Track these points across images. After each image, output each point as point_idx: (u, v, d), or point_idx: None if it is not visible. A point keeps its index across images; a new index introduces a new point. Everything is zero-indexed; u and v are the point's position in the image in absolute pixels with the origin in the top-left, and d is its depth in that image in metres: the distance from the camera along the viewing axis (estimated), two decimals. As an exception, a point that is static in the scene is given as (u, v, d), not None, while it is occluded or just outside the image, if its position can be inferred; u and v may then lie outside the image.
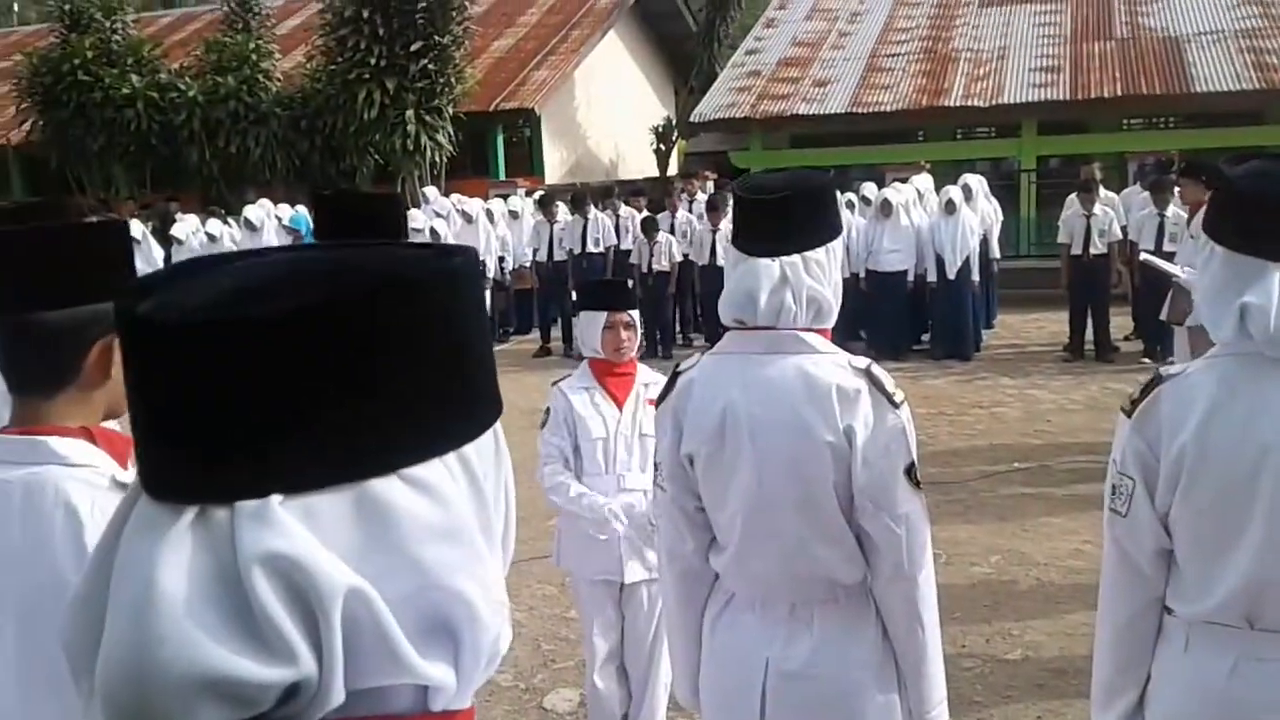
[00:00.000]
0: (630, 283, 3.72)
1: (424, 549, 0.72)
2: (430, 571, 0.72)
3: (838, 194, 2.49)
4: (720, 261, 11.61)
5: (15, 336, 1.59)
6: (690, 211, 13.13)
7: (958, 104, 16.55)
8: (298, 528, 0.67)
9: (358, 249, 0.79)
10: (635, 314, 3.52)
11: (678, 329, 12.51)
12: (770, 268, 2.10)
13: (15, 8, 54.50)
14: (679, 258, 12.15)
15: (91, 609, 0.71)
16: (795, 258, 2.11)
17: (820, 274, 2.13)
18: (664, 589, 2.41)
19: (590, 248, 12.38)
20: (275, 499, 0.67)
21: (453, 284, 0.75)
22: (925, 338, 11.47)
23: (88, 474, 1.58)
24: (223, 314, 0.68)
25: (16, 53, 22.08)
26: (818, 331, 2.14)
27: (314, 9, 21.32)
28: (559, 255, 12.56)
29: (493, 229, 13.41)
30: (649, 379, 3.55)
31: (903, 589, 2.13)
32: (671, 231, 12.43)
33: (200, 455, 0.68)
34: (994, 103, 16.36)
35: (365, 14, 17.79)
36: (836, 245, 2.20)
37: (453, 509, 0.74)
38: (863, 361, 2.13)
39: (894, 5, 20.78)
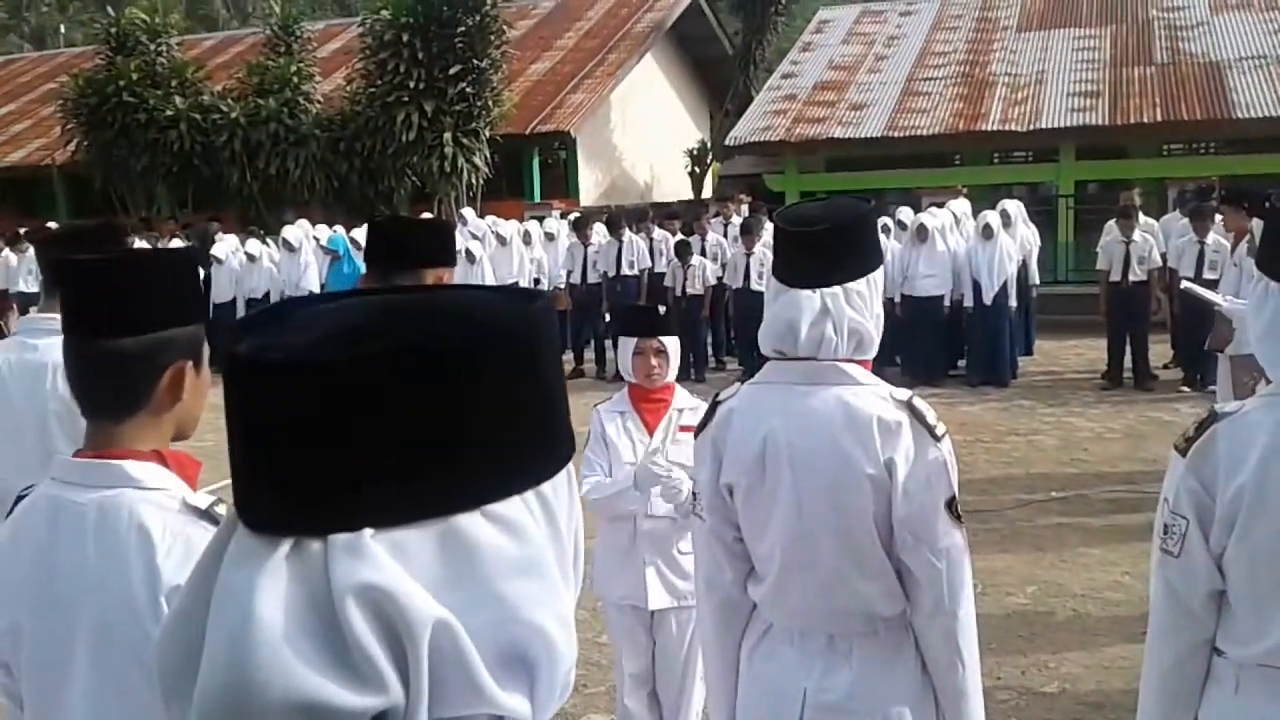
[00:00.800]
0: (663, 309, 3.69)
1: (505, 583, 0.74)
2: (510, 605, 0.74)
3: (878, 224, 2.48)
4: (754, 285, 11.60)
5: (90, 363, 1.63)
6: (725, 235, 13.14)
7: (995, 128, 16.49)
8: (388, 560, 0.69)
9: (444, 292, 0.82)
10: (669, 340, 3.49)
11: (711, 352, 12.50)
12: (811, 299, 2.10)
13: (62, 30, 55.59)
14: (713, 281, 12.16)
15: (187, 634, 0.73)
16: (836, 289, 2.11)
17: (861, 305, 2.13)
18: (701, 618, 2.40)
19: (624, 270, 12.41)
20: (367, 532, 0.70)
21: (534, 327, 0.78)
22: (961, 364, 11.39)
23: (160, 497, 1.61)
24: (324, 355, 0.70)
25: (63, 74, 22.49)
26: (859, 362, 2.14)
27: (354, 33, 21.60)
28: (593, 277, 12.60)
29: (527, 251, 13.48)
30: (684, 404, 3.53)
31: (943, 623, 2.11)
32: (704, 254, 12.44)
33: (297, 490, 0.70)
34: (1032, 127, 16.28)
35: (405, 38, 17.99)
36: (877, 276, 2.19)
37: (532, 544, 0.76)
38: (904, 393, 2.12)
39: (931, 29, 20.78)
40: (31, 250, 14.58)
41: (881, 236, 11.38)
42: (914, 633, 2.17)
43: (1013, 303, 10.77)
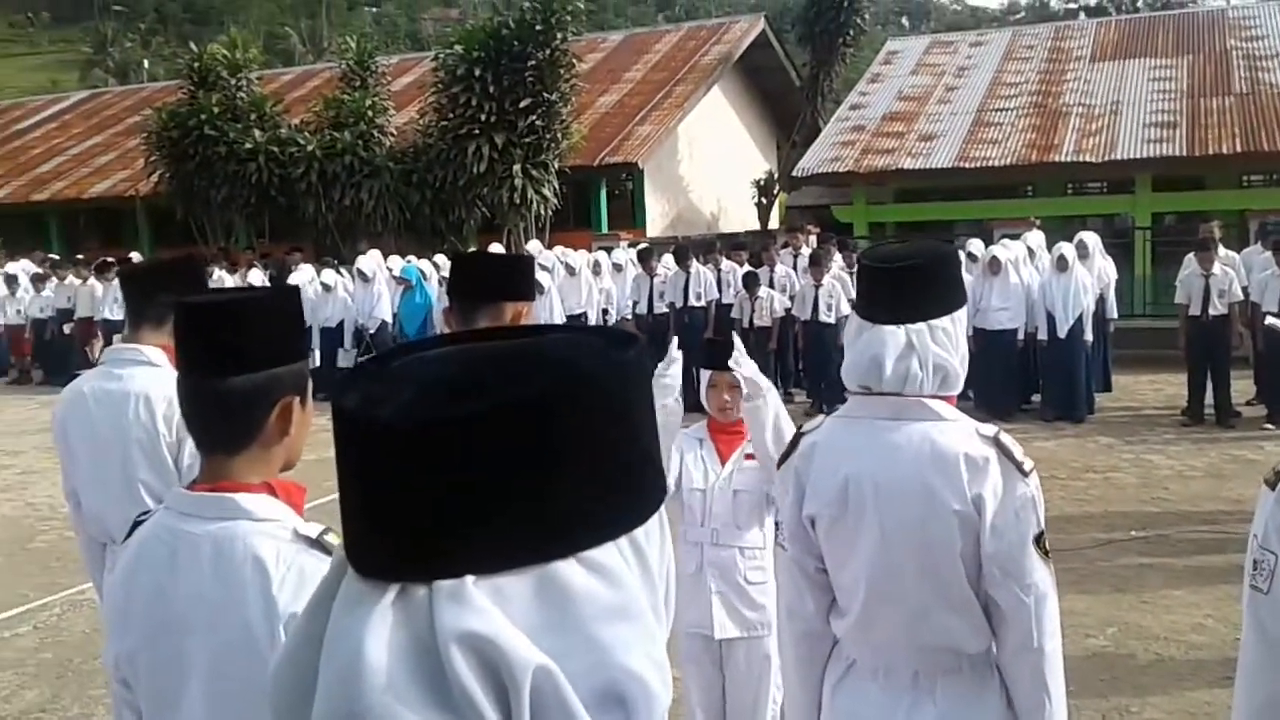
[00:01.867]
0: (736, 342, 3.65)
1: (600, 628, 0.76)
2: (606, 649, 0.76)
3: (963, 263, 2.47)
4: (823, 317, 11.56)
5: (207, 401, 1.69)
6: (794, 266, 13.11)
7: (1069, 159, 16.29)
8: (490, 607, 0.72)
9: (540, 341, 0.84)
10: (743, 375, 3.45)
11: (779, 384, 12.45)
12: (896, 334, 2.10)
13: (145, 64, 57.49)
14: (780, 313, 12.13)
15: (299, 672, 0.77)
16: (921, 325, 2.11)
17: (946, 341, 2.13)
18: (783, 648, 2.40)
19: (691, 301, 12.43)
20: (469, 579, 0.72)
21: (629, 377, 0.80)
22: (1035, 398, 11.20)
23: (273, 528, 1.67)
24: (429, 413, 0.73)
25: (147, 108, 23.21)
26: (944, 399, 2.13)
27: (427, 67, 22.01)
28: (659, 308, 12.64)
29: (595, 281, 13.58)
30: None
31: (1031, 660, 2.09)
32: (772, 286, 12.42)
33: (403, 539, 0.73)
34: (1107, 158, 16.06)
35: (477, 72, 18.30)
36: (961, 314, 2.19)
37: (626, 589, 0.78)
38: (991, 429, 2.11)
39: (1002, 60, 20.63)
40: (117, 281, 15.05)
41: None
42: (999, 670, 2.14)
43: (1088, 336, 10.58)
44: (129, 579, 1.72)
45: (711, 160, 24.40)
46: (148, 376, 2.84)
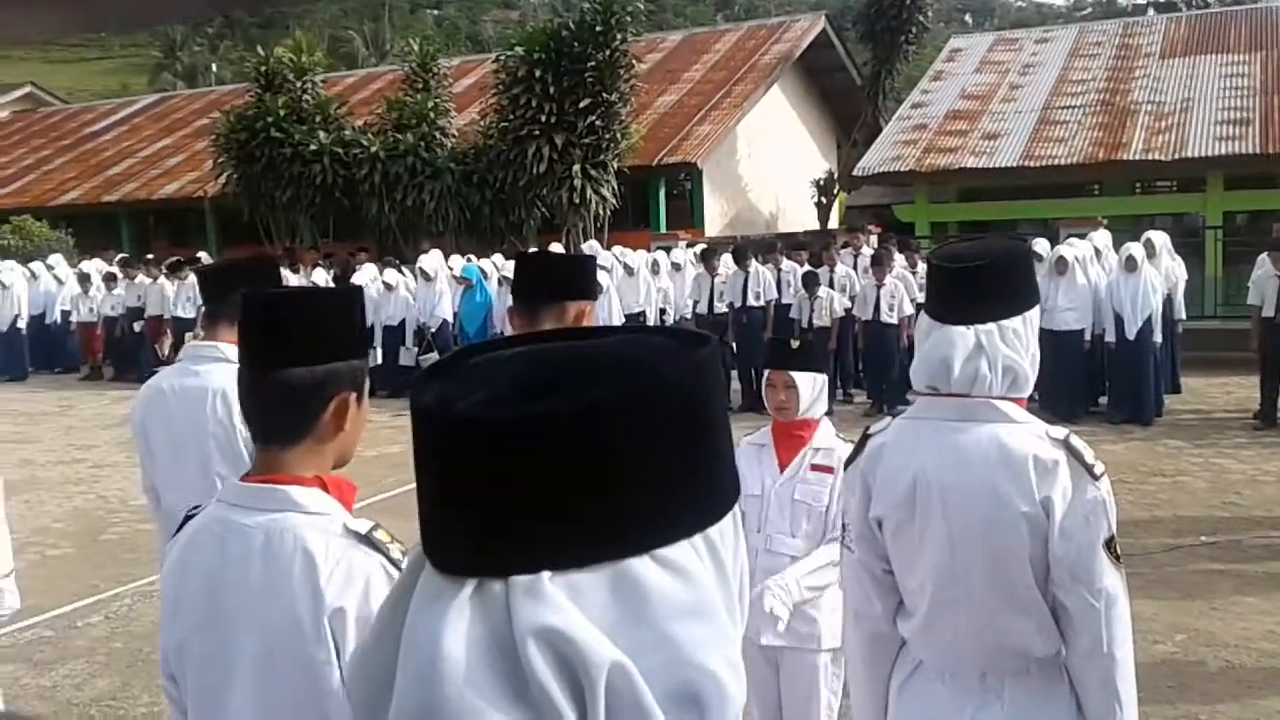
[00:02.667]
0: (796, 343, 3.59)
1: (675, 626, 0.76)
2: (681, 648, 0.76)
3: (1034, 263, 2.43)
4: (884, 317, 11.46)
5: (265, 392, 1.73)
6: (854, 266, 13.01)
7: (1137, 157, 15.99)
8: (567, 603, 0.73)
9: (614, 341, 0.85)
10: (799, 375, 3.37)
11: (838, 385, 12.36)
12: (965, 335, 2.08)
13: (213, 68, 58.63)
14: (840, 313, 12.04)
15: (377, 665, 0.78)
16: (991, 326, 2.08)
17: (1017, 343, 2.10)
18: (849, 650, 2.39)
19: (751, 301, 12.39)
20: (545, 575, 0.73)
21: (701, 376, 0.80)
22: (1102, 401, 11.00)
23: (323, 522, 1.69)
24: (502, 412, 0.74)
25: (215, 111, 23.70)
26: (1013, 400, 2.10)
27: (488, 68, 22.19)
28: (719, 308, 12.62)
29: (654, 281, 13.59)
30: (822, 444, 3.42)
31: (1101, 665, 2.06)
32: (832, 286, 12.34)
33: (481, 535, 0.75)
34: (1177, 156, 15.73)
35: (537, 73, 18.42)
36: (1033, 314, 2.16)
37: (701, 588, 0.78)
38: (1061, 432, 2.09)
39: (1069, 57, 20.30)
40: (191, 277, 15.37)
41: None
42: (1069, 674, 2.11)
43: (1157, 338, 10.37)
44: (180, 569, 1.75)
45: (770, 160, 24.30)
46: (225, 373, 2.90)
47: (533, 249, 15.34)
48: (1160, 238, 11.10)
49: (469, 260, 14.79)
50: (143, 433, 3.12)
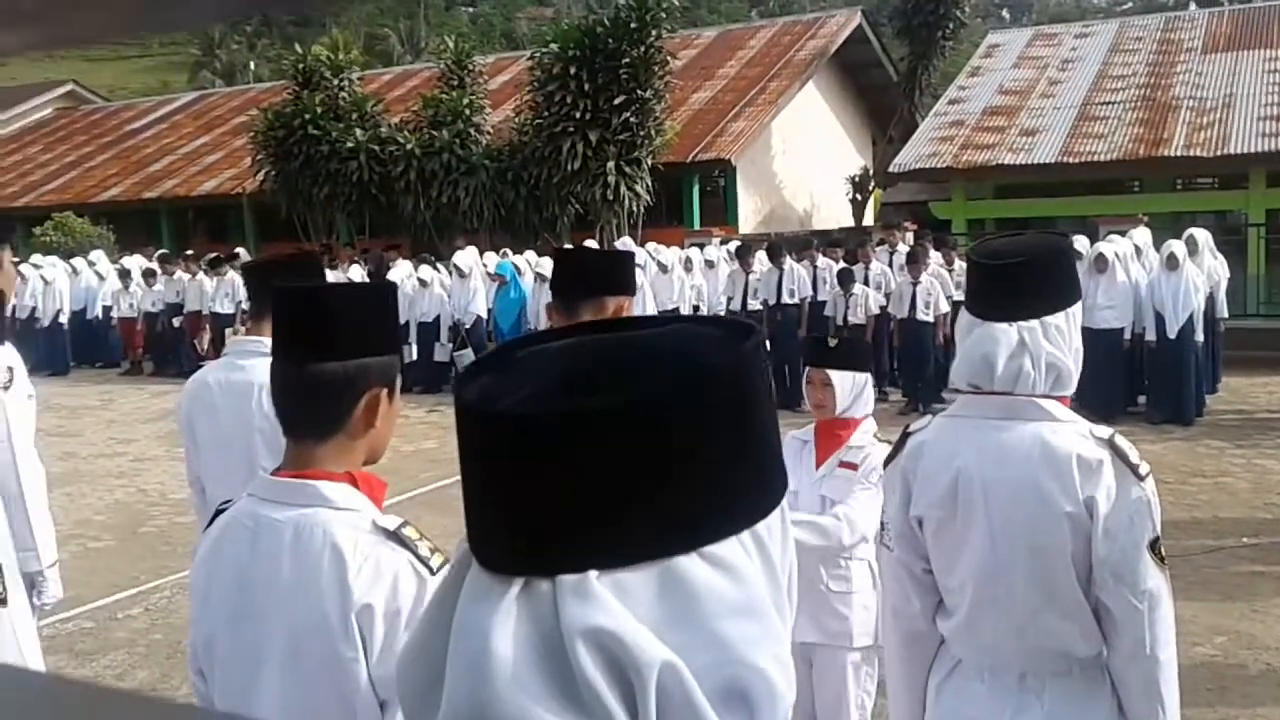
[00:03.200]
0: (834, 341, 3.57)
1: (724, 624, 0.75)
2: (730, 646, 0.75)
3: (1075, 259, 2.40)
4: (920, 315, 11.38)
5: (296, 385, 1.73)
6: (890, 264, 12.93)
7: (1179, 154, 15.77)
8: (615, 603, 0.72)
9: (659, 334, 0.83)
10: (834, 374, 3.35)
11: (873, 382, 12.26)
12: (1008, 333, 2.06)
13: (251, 66, 59.15)
14: (875, 310, 11.97)
15: (427, 661, 0.78)
16: (1034, 323, 2.06)
17: (1060, 340, 2.08)
18: (888, 649, 2.38)
19: (785, 299, 12.34)
20: (592, 574, 0.72)
21: (747, 368, 0.79)
22: (1141, 400, 10.87)
23: (353, 518, 1.69)
24: (545, 408, 0.74)
25: (253, 108, 23.90)
26: (1057, 398, 2.08)
27: (523, 65, 22.25)
28: (753, 305, 12.58)
29: (688, 278, 13.58)
30: (857, 441, 3.41)
31: (1143, 668, 2.04)
32: (867, 283, 12.27)
33: (527, 533, 0.74)
34: (1219, 153, 15.51)
35: (572, 70, 18.44)
36: (1076, 310, 2.14)
37: (749, 585, 0.77)
38: (1105, 431, 2.07)
39: (1109, 52, 20.07)
40: (230, 273, 15.53)
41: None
42: (1110, 676, 2.09)
43: (1199, 337, 10.23)
44: (210, 563, 1.76)
45: (805, 156, 24.20)
46: (269, 367, 2.93)
47: (567, 245, 15.39)
48: (1202, 235, 10.95)
49: (503, 257, 14.84)
50: (189, 427, 3.16)
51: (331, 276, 15.65)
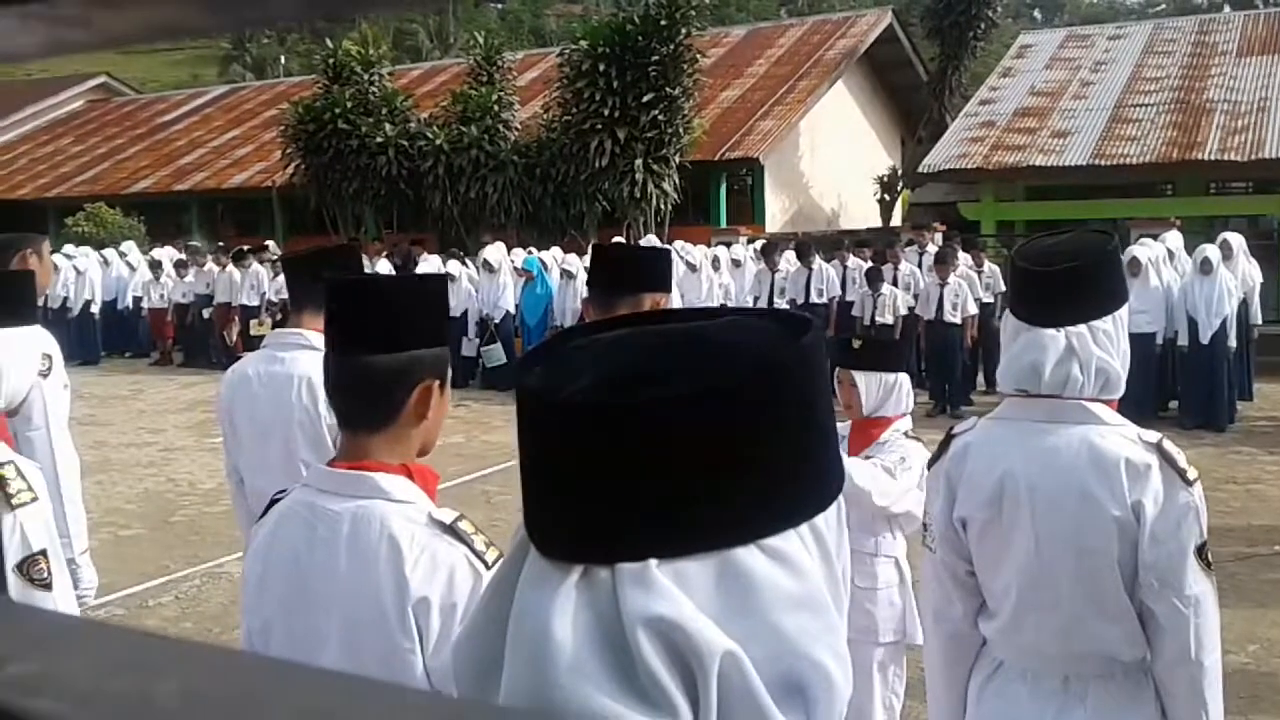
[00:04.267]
0: (858, 342, 3.55)
1: (782, 617, 0.75)
2: (788, 639, 0.75)
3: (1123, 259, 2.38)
4: (947, 317, 11.32)
5: (351, 377, 1.74)
6: (919, 264, 12.87)
7: (1212, 157, 15.62)
8: (676, 591, 0.72)
9: (718, 325, 0.83)
10: (858, 375, 3.36)
11: (901, 383, 12.20)
12: (1055, 339, 2.04)
13: (282, 60, 59.51)
14: (904, 311, 11.92)
15: (484, 648, 0.78)
16: (1082, 328, 2.05)
17: (1108, 343, 2.06)
18: (929, 651, 2.37)
19: (813, 298, 12.31)
20: (652, 563, 0.72)
21: (806, 362, 0.79)
22: (1172, 405, 10.78)
23: (409, 510, 1.70)
24: (609, 398, 0.74)
25: (283, 102, 24.02)
26: (1104, 402, 2.07)
27: (552, 62, 22.25)
28: (780, 304, 12.55)
29: (715, 277, 13.57)
30: (887, 438, 3.40)
31: (1188, 674, 2.04)
32: (895, 284, 12.22)
33: (587, 522, 0.74)
34: (1253, 157, 15.35)
35: (601, 67, 18.43)
36: (1123, 313, 2.13)
37: (807, 579, 0.77)
38: (1154, 435, 2.05)
39: (1142, 54, 19.89)
40: (254, 265, 15.63)
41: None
42: (1154, 680, 2.08)
43: (1232, 342, 10.13)
44: (267, 552, 1.77)
45: (833, 156, 24.10)
46: (310, 360, 2.94)
47: (594, 242, 15.42)
48: (1236, 239, 10.85)
49: (530, 253, 14.87)
50: (228, 418, 3.18)
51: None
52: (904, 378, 3.49)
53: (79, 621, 0.35)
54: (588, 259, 3.35)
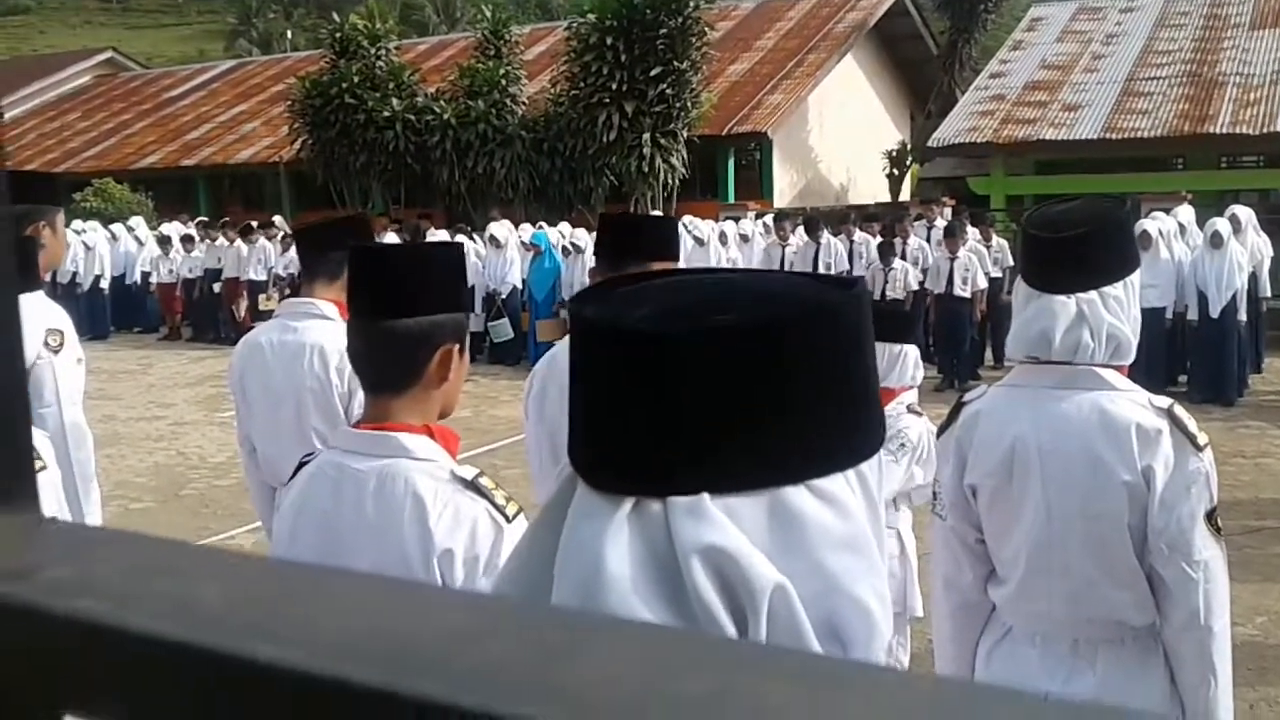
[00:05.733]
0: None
1: (828, 556, 0.76)
2: (833, 578, 0.76)
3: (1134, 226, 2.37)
4: (957, 291, 11.29)
5: (374, 340, 1.79)
6: (928, 239, 12.83)
7: (1224, 131, 15.51)
8: (729, 524, 0.73)
9: (771, 275, 0.86)
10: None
11: (909, 358, 12.19)
12: (1066, 305, 2.04)
13: (288, 35, 59.32)
14: (914, 286, 11.89)
15: (530, 582, 0.79)
16: (1093, 295, 2.04)
17: (1119, 310, 2.06)
18: (937, 619, 2.38)
19: (821, 272, 12.28)
20: (705, 496, 0.73)
21: (860, 310, 0.80)
22: (1181, 379, 10.75)
23: (432, 468, 1.76)
24: (679, 325, 0.74)
25: (290, 77, 23.96)
26: (1115, 368, 2.06)
27: (559, 36, 22.15)
28: (789, 279, 12.51)
29: (723, 251, 13.53)
30: (891, 412, 3.37)
31: (1197, 638, 2.05)
32: (904, 258, 12.18)
33: (641, 453, 0.75)
34: (1265, 130, 15.24)
35: (609, 40, 18.34)
36: (1135, 279, 2.12)
37: (854, 521, 0.78)
38: (1165, 401, 2.05)
39: (1154, 27, 19.72)
40: (261, 240, 15.64)
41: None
42: (1163, 645, 2.09)
43: (1242, 316, 10.09)
44: (297, 511, 1.83)
45: (842, 130, 23.98)
46: (322, 329, 2.97)
47: (601, 212, 15.37)
48: (1246, 212, 10.78)
49: (538, 228, 14.85)
50: (240, 386, 3.20)
51: (368, 245, 15.80)
52: (911, 349, 3.48)
53: (112, 532, 0.35)
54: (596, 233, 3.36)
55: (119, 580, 0.29)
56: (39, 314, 3.06)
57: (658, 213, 16.37)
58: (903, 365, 3.43)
